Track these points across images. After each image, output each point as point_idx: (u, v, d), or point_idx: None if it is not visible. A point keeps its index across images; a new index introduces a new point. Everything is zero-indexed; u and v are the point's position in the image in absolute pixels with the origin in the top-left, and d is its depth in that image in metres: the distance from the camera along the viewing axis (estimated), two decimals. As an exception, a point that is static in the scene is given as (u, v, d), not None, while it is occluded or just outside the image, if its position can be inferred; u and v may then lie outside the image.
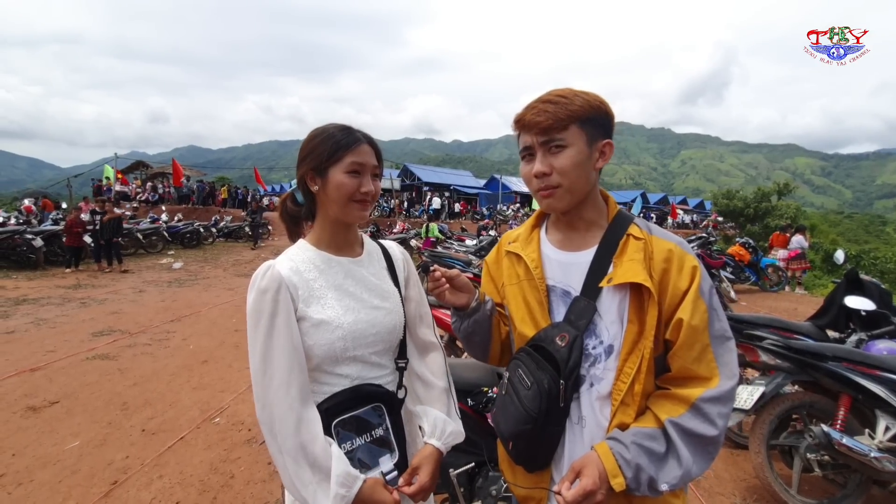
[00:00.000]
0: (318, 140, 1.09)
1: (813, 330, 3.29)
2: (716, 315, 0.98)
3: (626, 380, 0.98)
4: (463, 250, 10.35)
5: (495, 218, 26.82)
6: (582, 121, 0.99)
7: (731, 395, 0.95)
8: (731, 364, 0.97)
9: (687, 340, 0.95)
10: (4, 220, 13.45)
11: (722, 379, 0.95)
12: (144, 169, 33.18)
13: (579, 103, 0.99)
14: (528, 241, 1.17)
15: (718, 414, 0.94)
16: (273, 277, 1.04)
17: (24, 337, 5.60)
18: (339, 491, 0.95)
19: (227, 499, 2.66)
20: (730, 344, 0.99)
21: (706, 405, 0.93)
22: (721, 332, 0.98)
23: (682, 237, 1.16)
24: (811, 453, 2.58)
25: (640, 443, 0.93)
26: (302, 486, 0.97)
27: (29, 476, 2.81)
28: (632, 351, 0.98)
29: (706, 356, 0.95)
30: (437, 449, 1.14)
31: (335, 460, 0.98)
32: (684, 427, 0.93)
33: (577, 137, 0.99)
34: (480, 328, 1.17)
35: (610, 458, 0.93)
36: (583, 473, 0.92)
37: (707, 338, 0.96)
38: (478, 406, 2.02)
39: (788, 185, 23.12)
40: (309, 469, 0.97)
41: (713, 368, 0.95)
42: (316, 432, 1.00)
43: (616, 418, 0.99)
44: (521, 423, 1.03)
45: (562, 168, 1.00)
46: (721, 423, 0.94)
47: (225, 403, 3.91)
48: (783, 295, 10.65)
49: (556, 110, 0.98)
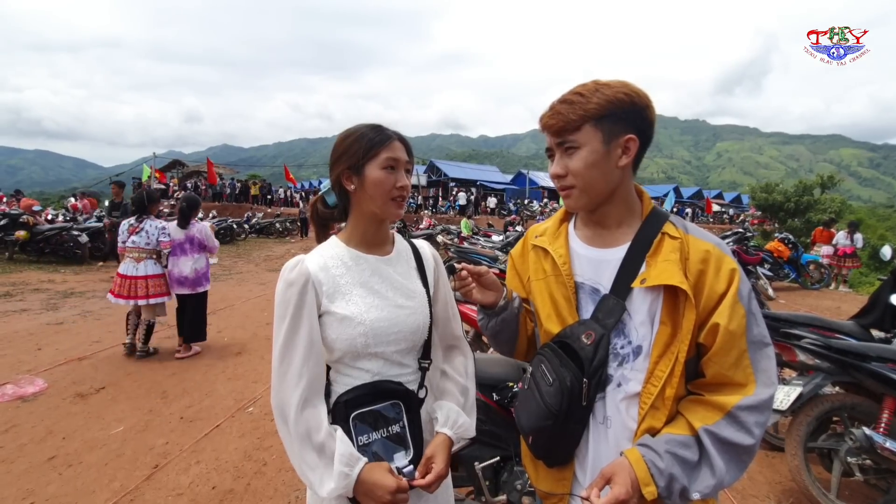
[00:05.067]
0: (351, 139, 1.12)
1: (856, 329, 3.14)
2: (754, 320, 0.94)
3: (658, 383, 0.95)
4: (489, 246, 10.32)
5: (522, 213, 26.59)
6: (597, 119, 0.96)
7: (768, 403, 0.92)
8: (768, 371, 0.93)
9: (723, 346, 0.92)
10: (53, 218, 14.18)
11: (759, 386, 0.92)
12: (181, 168, 34.38)
13: (596, 101, 0.95)
14: (556, 235, 1.14)
15: (755, 423, 0.91)
16: (301, 272, 1.08)
17: (72, 328, 5.92)
18: (342, 469, 0.98)
19: (260, 485, 2.76)
20: (768, 350, 0.95)
21: (743, 413, 0.90)
22: (759, 337, 0.94)
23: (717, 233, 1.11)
24: (852, 457, 2.47)
25: (674, 451, 0.91)
26: (308, 470, 1.01)
27: (78, 458, 2.98)
28: (664, 353, 0.95)
29: (742, 362, 0.92)
30: (449, 437, 1.14)
31: (339, 442, 1.01)
32: (719, 435, 0.90)
33: (590, 137, 0.97)
34: (508, 326, 1.16)
35: (642, 466, 0.90)
36: (614, 481, 0.90)
37: (744, 343, 0.92)
38: (503, 401, 2.03)
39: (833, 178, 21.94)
40: (315, 453, 1.01)
41: (749, 375, 0.92)
42: (321, 421, 1.03)
43: (645, 422, 0.97)
44: (541, 418, 1.03)
45: (575, 170, 0.98)
46: (758, 432, 0.91)
47: (258, 394, 4.05)
48: (826, 293, 10.18)
49: (569, 111, 0.96)
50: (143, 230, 4.74)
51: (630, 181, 1.04)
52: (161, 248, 4.79)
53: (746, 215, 30.85)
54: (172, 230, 4.89)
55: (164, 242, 4.77)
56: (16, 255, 11.15)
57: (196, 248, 4.96)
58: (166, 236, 4.80)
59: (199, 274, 4.97)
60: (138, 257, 4.73)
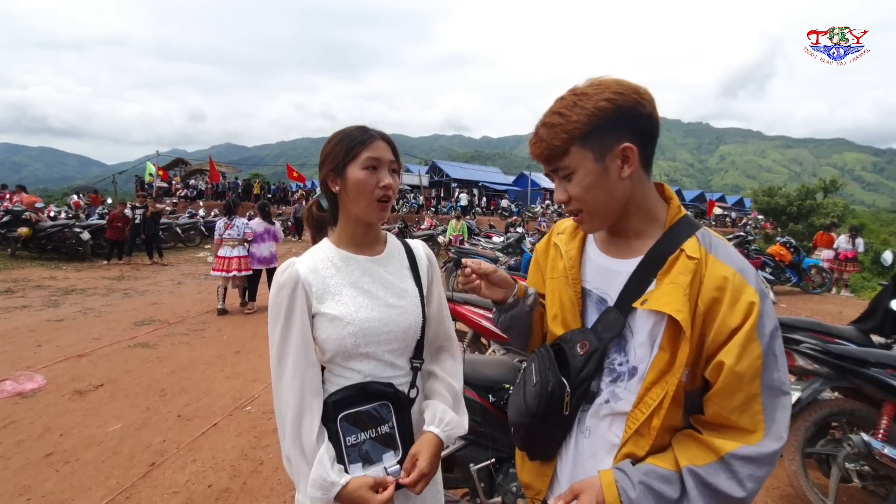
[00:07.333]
0: (334, 142, 1.13)
1: (856, 334, 3.13)
2: (774, 363, 0.83)
3: (646, 410, 0.89)
4: (490, 247, 10.32)
5: (523, 215, 26.59)
6: (583, 138, 0.88)
7: (770, 458, 0.82)
8: (780, 423, 0.83)
9: (726, 387, 0.83)
10: (55, 215, 14.23)
11: (766, 437, 0.82)
12: (184, 166, 34.44)
13: (576, 119, 0.87)
14: (573, 235, 1.09)
15: (750, 476, 0.81)
16: (290, 275, 1.09)
17: (72, 325, 5.93)
18: (314, 493, 1.00)
19: (257, 484, 2.75)
20: (784, 400, 0.84)
21: (737, 462, 0.81)
22: (778, 384, 0.84)
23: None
24: (850, 463, 2.46)
25: (650, 484, 0.85)
26: (293, 471, 1.05)
27: (75, 455, 2.98)
28: (658, 381, 0.88)
29: (752, 407, 0.82)
30: (436, 436, 1.13)
31: (316, 464, 1.01)
32: (705, 479, 0.83)
33: (581, 159, 0.89)
34: (518, 323, 1.13)
35: (613, 490, 0.86)
36: (580, 499, 0.88)
37: (758, 387, 0.82)
38: (499, 402, 2.02)
39: (836, 182, 21.85)
40: (300, 456, 1.04)
41: (759, 422, 0.82)
42: (313, 425, 1.05)
43: (627, 446, 0.91)
44: (521, 415, 1.02)
45: (575, 195, 0.93)
46: (751, 487, 0.81)
47: (256, 393, 4.05)
48: (827, 297, 10.15)
49: (551, 137, 0.90)
50: (234, 226, 6.93)
51: (644, 188, 0.95)
52: (246, 238, 7.00)
53: (749, 218, 30.76)
54: (255, 224, 7.15)
55: (248, 233, 7.03)
56: (18, 252, 11.20)
57: (270, 237, 7.36)
58: (249, 229, 7.04)
59: (272, 255, 7.38)
60: (233, 245, 6.92)
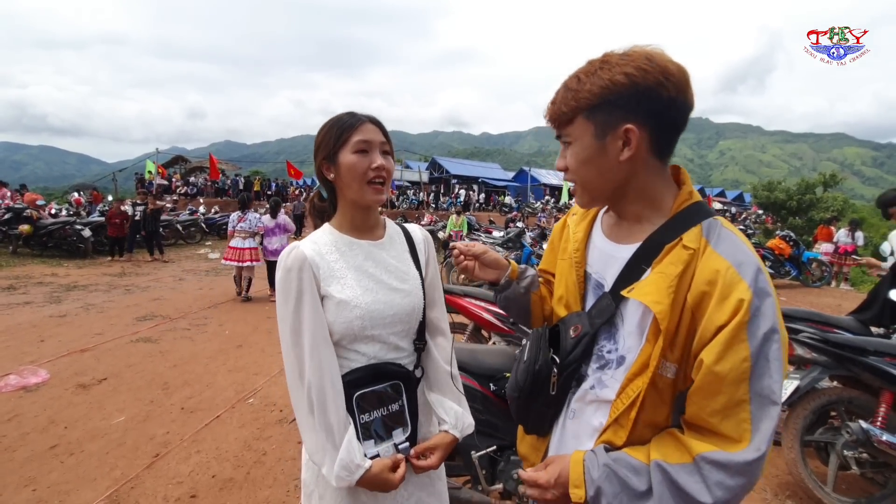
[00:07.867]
0: (325, 130, 1.14)
1: (854, 325, 3.15)
2: (766, 368, 0.76)
3: (626, 401, 0.86)
4: (490, 242, 10.33)
5: (523, 210, 26.61)
6: (589, 110, 0.85)
7: (745, 469, 0.75)
8: (763, 433, 0.76)
9: (704, 386, 0.78)
10: (57, 212, 14.25)
11: (748, 447, 0.75)
12: (183, 163, 34.43)
13: (589, 88, 0.84)
14: (583, 218, 1.08)
15: (718, 483, 0.76)
16: (297, 257, 1.09)
17: (74, 321, 5.95)
18: (340, 474, 1.02)
19: (260, 474, 2.78)
20: (771, 410, 0.76)
21: (707, 467, 0.76)
22: (768, 392, 0.76)
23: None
24: (849, 450, 2.48)
25: (615, 470, 0.83)
26: (316, 451, 1.05)
27: (80, 447, 3.01)
28: (639, 373, 0.85)
29: (738, 414, 0.76)
30: (456, 438, 1.21)
31: (345, 446, 1.03)
32: (671, 476, 0.79)
33: (582, 131, 0.87)
34: (515, 304, 1.14)
35: (579, 468, 0.87)
36: (547, 469, 0.91)
37: (745, 393, 0.76)
38: (500, 391, 2.04)
39: (836, 176, 21.81)
40: (325, 436, 1.04)
41: (744, 432, 0.76)
42: (339, 406, 1.05)
43: (606, 434, 0.90)
44: (512, 389, 1.05)
45: (571, 166, 0.91)
46: (719, 494, 0.76)
47: (258, 385, 4.08)
48: (827, 290, 10.19)
49: (563, 101, 0.88)
50: (247, 219, 7.43)
51: (650, 174, 0.89)
52: (257, 231, 7.48)
53: (749, 213, 30.74)
54: (266, 219, 7.50)
55: (260, 227, 7.49)
56: (19, 249, 11.21)
57: (281, 230, 7.59)
58: (261, 223, 7.49)
59: (283, 247, 6.80)
60: (244, 237, 7.41)
